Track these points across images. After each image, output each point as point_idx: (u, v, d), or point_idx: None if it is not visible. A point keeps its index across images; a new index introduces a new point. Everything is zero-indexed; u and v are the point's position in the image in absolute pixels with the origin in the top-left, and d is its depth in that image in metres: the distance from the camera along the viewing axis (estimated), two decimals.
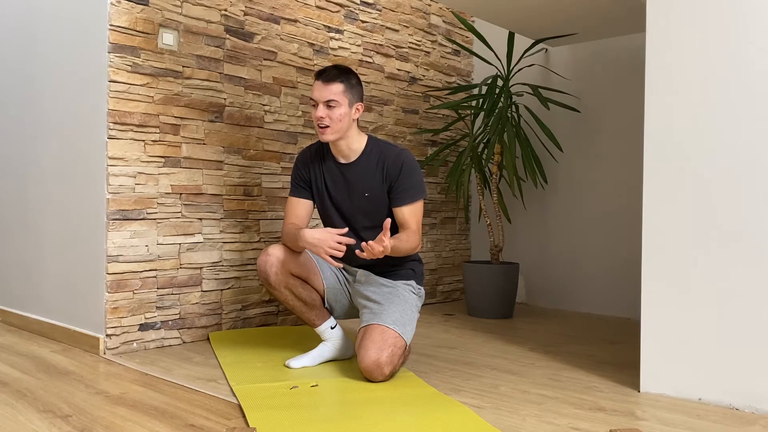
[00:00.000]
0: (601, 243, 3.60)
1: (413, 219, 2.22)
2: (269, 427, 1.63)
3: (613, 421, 1.75)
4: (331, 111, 2.18)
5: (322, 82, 2.19)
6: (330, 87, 2.18)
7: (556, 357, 2.51)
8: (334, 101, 2.17)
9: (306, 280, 2.28)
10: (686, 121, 1.97)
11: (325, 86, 2.18)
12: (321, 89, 2.19)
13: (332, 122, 2.18)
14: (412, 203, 2.23)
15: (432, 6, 3.89)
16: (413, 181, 2.23)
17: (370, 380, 2.05)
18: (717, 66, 1.92)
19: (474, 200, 4.12)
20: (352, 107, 2.22)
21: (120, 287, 2.49)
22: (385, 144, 2.31)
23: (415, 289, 2.32)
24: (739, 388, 1.86)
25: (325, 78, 2.19)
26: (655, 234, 2.02)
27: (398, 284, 2.28)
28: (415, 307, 2.26)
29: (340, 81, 2.19)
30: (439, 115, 3.96)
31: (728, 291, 1.88)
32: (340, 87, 2.18)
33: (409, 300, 2.24)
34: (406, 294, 2.25)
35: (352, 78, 2.24)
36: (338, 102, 2.17)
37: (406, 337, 2.11)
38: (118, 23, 2.46)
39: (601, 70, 3.61)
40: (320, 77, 2.20)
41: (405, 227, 2.21)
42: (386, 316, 2.12)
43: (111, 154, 2.45)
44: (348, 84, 2.20)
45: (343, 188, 2.29)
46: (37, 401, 1.90)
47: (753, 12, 1.86)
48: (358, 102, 2.24)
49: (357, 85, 2.25)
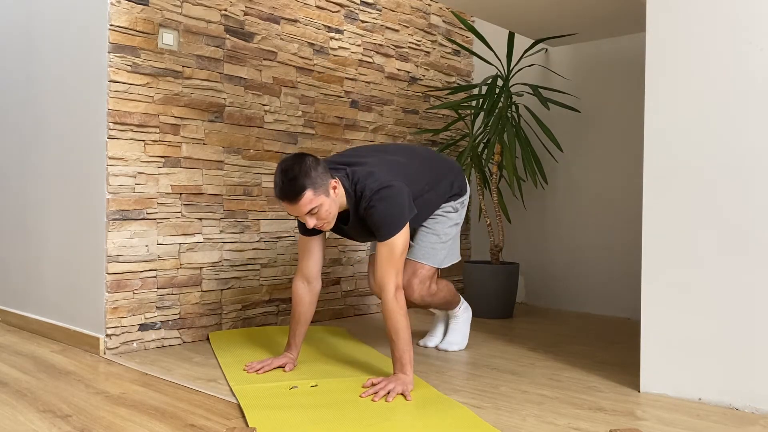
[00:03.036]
0: (601, 243, 3.60)
1: (383, 260, 2.06)
2: (269, 427, 1.63)
3: (613, 421, 1.75)
4: (318, 213, 2.02)
5: (289, 203, 1.99)
6: (300, 203, 1.98)
7: (556, 357, 2.51)
8: (315, 207, 2.00)
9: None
10: (686, 121, 1.97)
11: (295, 205, 1.98)
12: (295, 208, 2.00)
13: (326, 219, 2.05)
14: (384, 240, 2.07)
15: (432, 6, 3.89)
16: (380, 220, 2.07)
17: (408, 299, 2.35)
18: (717, 66, 1.92)
19: (474, 200, 4.12)
20: (329, 194, 2.04)
21: (120, 287, 2.49)
22: (360, 188, 2.11)
23: (449, 208, 2.43)
24: (739, 388, 1.86)
25: (290, 198, 1.98)
26: (655, 233, 2.02)
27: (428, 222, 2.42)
28: (444, 233, 2.43)
29: (304, 190, 1.96)
30: (439, 115, 3.96)
31: (728, 291, 1.88)
32: (308, 195, 1.97)
33: (436, 229, 2.41)
34: (433, 226, 2.41)
35: (307, 170, 1.98)
36: (317, 204, 2.00)
37: (429, 262, 2.39)
38: (118, 23, 2.46)
39: (601, 70, 3.61)
40: (284, 199, 1.99)
41: (376, 273, 2.09)
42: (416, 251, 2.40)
43: (111, 154, 2.45)
44: (310, 182, 1.97)
45: (358, 236, 2.31)
46: (37, 401, 1.90)
47: (753, 12, 1.86)
48: (329, 181, 2.03)
49: (314, 169, 1.99)
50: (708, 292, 1.92)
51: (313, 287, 2.28)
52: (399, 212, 2.08)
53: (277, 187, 2.00)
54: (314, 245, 2.27)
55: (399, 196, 2.09)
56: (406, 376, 1.97)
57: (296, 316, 2.27)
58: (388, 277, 2.04)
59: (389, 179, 2.11)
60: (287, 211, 2.05)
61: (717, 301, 1.90)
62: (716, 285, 1.90)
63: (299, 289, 2.27)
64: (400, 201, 2.09)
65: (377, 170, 2.14)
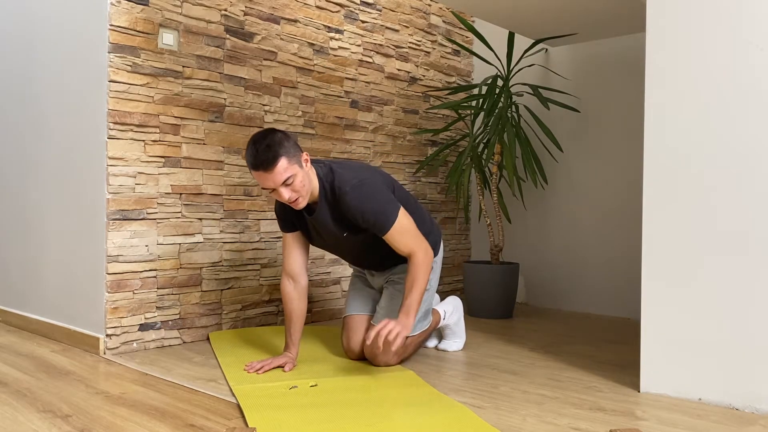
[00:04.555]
0: (601, 243, 3.60)
1: (402, 240, 2.11)
2: (269, 427, 1.63)
3: (613, 421, 1.75)
4: (293, 185, 2.01)
5: (264, 171, 1.97)
6: (275, 170, 1.97)
7: (556, 357, 2.51)
8: (290, 177, 1.99)
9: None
10: (686, 121, 1.97)
11: (271, 173, 1.97)
12: (269, 177, 1.98)
13: (300, 192, 2.04)
14: (390, 227, 2.10)
15: (432, 6, 3.89)
16: (372, 214, 2.08)
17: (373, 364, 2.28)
18: (717, 66, 1.92)
19: (474, 200, 4.12)
20: (302, 165, 2.04)
21: (120, 287, 2.49)
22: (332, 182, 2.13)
23: None
24: (739, 388, 1.86)
25: (265, 166, 1.96)
26: (655, 234, 2.02)
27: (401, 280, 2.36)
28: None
29: (279, 157, 1.96)
30: (439, 115, 3.96)
31: (728, 291, 1.88)
32: (283, 162, 1.97)
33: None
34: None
35: (280, 140, 1.99)
36: (292, 174, 2.00)
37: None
38: (118, 23, 2.46)
39: (601, 70, 3.61)
40: (259, 167, 1.97)
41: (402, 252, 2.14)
42: (382, 318, 2.31)
43: (111, 154, 2.45)
44: (284, 151, 1.98)
45: (325, 235, 2.25)
46: (37, 401, 1.90)
47: (753, 12, 1.86)
48: (300, 154, 2.05)
49: (286, 140, 2.01)
50: (708, 292, 1.92)
51: (299, 284, 2.30)
52: (385, 200, 2.11)
53: (251, 156, 1.98)
54: (295, 242, 2.29)
55: (379, 187, 2.13)
56: (407, 319, 2.05)
57: (288, 314, 2.30)
58: (412, 247, 2.11)
59: (366, 174, 2.15)
60: (261, 183, 2.02)
61: (717, 301, 1.90)
62: (716, 285, 1.90)
63: (285, 288, 2.30)
64: (382, 190, 2.13)
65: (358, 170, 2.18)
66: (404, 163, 3.71)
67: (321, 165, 2.18)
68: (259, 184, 2.06)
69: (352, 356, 2.36)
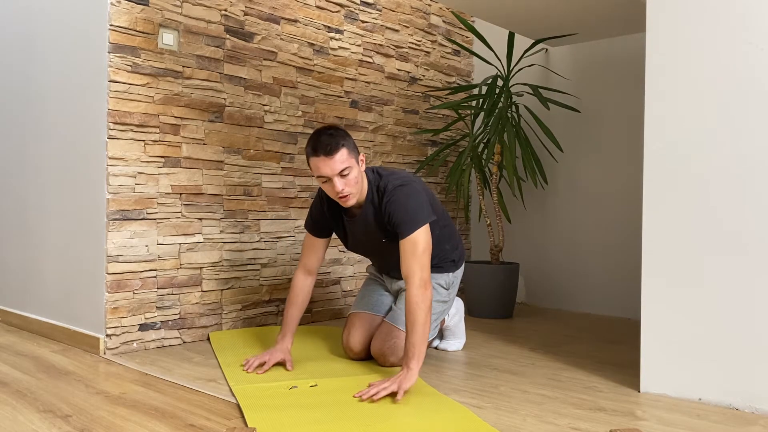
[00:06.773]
0: (601, 243, 3.60)
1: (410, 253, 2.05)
2: (268, 427, 1.63)
3: (613, 421, 1.75)
4: (347, 178, 2.07)
5: (325, 156, 2.03)
6: (335, 157, 2.03)
7: (556, 357, 2.51)
8: (347, 168, 2.05)
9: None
10: (686, 121, 1.97)
11: (331, 159, 2.03)
12: (328, 164, 2.03)
13: (353, 188, 2.09)
14: (409, 234, 2.07)
15: (432, 6, 3.89)
16: (401, 213, 2.09)
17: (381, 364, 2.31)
18: (717, 65, 1.92)
19: (474, 200, 4.12)
20: (359, 163, 2.13)
21: (120, 287, 2.49)
22: (379, 184, 2.18)
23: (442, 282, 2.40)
24: (739, 388, 1.86)
25: (327, 151, 2.03)
26: (655, 234, 2.02)
27: None
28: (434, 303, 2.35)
29: (341, 146, 2.04)
30: (439, 115, 3.96)
31: (728, 291, 1.88)
32: (344, 152, 2.05)
33: None
34: None
35: (344, 134, 2.09)
36: (349, 166, 2.06)
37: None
38: (118, 23, 2.46)
39: (601, 70, 3.61)
40: (320, 152, 2.03)
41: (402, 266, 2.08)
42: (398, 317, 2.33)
43: (111, 154, 2.45)
44: (347, 143, 2.07)
45: (363, 239, 2.31)
46: (37, 401, 1.90)
47: (753, 12, 1.86)
48: (358, 154, 2.14)
49: (349, 136, 2.11)
50: (708, 292, 1.92)
51: (312, 280, 2.39)
52: (419, 207, 2.13)
53: (313, 141, 2.06)
54: (321, 244, 2.37)
55: (420, 194, 2.16)
56: (408, 370, 1.95)
57: (293, 299, 2.34)
58: (412, 270, 2.04)
59: (411, 180, 2.20)
60: (318, 170, 2.06)
61: (717, 301, 1.90)
62: (716, 285, 1.90)
63: (299, 280, 2.37)
64: (421, 198, 2.16)
65: (404, 176, 2.23)
66: (404, 163, 3.71)
67: (370, 170, 2.24)
68: (313, 173, 2.09)
69: (351, 354, 2.37)
